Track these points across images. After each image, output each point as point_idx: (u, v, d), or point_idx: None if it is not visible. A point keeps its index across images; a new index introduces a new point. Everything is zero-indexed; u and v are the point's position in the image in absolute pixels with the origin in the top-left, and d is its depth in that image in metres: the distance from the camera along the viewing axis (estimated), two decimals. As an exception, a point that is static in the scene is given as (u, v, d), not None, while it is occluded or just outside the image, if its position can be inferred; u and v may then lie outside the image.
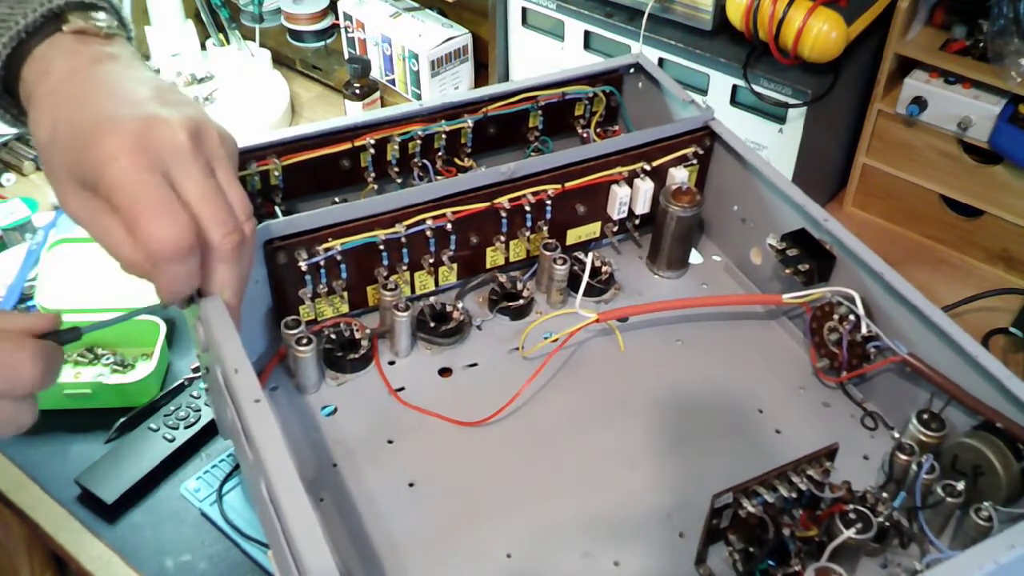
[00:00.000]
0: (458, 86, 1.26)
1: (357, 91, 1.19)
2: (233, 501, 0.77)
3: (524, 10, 1.13)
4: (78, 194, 0.54)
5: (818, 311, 0.76)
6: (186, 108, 0.56)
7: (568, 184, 0.80)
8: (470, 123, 0.83)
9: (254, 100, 1.24)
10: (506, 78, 1.21)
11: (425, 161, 0.84)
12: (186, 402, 0.84)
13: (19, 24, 0.55)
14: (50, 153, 0.55)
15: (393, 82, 1.27)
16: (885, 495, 0.65)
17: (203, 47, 1.30)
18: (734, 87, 0.99)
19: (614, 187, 0.83)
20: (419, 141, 0.82)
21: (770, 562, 0.61)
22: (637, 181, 0.83)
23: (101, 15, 0.58)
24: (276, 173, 0.77)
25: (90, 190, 0.53)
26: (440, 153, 0.84)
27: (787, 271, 0.77)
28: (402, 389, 0.76)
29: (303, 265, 0.73)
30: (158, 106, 0.55)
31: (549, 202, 0.80)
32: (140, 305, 0.60)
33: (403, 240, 0.76)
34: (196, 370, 0.88)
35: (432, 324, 0.79)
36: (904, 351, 0.69)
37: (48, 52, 0.56)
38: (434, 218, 0.76)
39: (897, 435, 0.72)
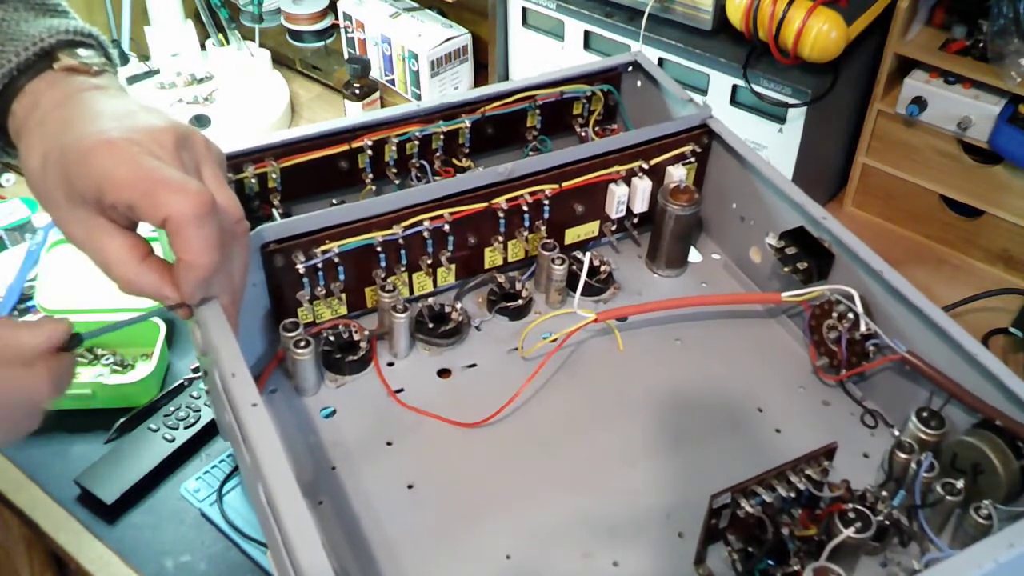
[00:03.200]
0: (458, 86, 1.26)
1: (357, 91, 1.19)
2: (233, 501, 0.77)
3: (524, 10, 1.13)
4: (76, 213, 0.55)
5: (817, 309, 0.76)
6: (171, 119, 0.58)
7: (566, 184, 0.80)
8: (468, 123, 0.83)
9: (254, 100, 1.24)
10: (506, 78, 1.20)
11: (423, 162, 0.84)
12: (186, 402, 0.84)
13: (12, 62, 0.57)
14: (43, 179, 0.56)
15: (393, 82, 1.27)
16: (884, 494, 0.65)
17: (203, 47, 1.30)
18: (734, 87, 0.99)
19: (612, 186, 0.83)
20: (417, 142, 0.82)
21: (769, 561, 0.61)
22: (635, 180, 0.83)
23: (89, 52, 0.60)
24: (273, 175, 0.77)
25: (88, 206, 0.54)
26: (438, 154, 0.84)
27: (786, 269, 0.77)
28: (401, 390, 0.76)
29: (301, 268, 0.73)
30: (145, 115, 0.57)
31: (547, 202, 0.80)
32: (138, 307, 0.60)
33: (401, 241, 0.76)
34: (196, 370, 0.89)
35: (431, 325, 0.79)
36: (903, 349, 0.69)
37: (38, 87, 0.58)
38: (432, 219, 0.76)
39: (897, 433, 0.72)
